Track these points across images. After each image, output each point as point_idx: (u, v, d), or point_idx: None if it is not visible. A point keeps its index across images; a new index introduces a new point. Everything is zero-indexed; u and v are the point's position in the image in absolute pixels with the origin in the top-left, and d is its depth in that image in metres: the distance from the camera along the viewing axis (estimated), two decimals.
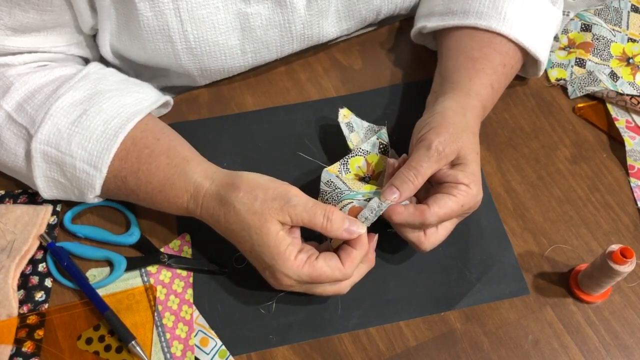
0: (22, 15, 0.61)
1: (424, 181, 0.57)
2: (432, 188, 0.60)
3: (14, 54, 0.64)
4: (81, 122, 0.61)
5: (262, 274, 0.58)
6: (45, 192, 0.64)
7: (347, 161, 0.64)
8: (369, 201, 0.58)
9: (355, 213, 0.57)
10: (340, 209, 0.58)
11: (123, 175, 0.61)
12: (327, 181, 0.61)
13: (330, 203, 0.60)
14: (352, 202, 0.58)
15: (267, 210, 0.55)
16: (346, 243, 0.57)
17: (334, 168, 0.63)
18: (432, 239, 0.58)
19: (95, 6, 0.64)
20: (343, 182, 0.61)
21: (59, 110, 0.61)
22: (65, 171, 0.61)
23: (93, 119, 0.61)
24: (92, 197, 0.63)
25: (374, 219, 0.57)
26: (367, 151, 0.64)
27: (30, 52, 0.65)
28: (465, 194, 0.57)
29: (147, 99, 0.66)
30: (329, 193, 0.60)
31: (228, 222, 0.57)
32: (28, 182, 0.66)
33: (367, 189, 0.60)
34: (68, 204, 0.68)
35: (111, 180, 0.62)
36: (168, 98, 0.70)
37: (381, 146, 0.65)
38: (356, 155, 0.64)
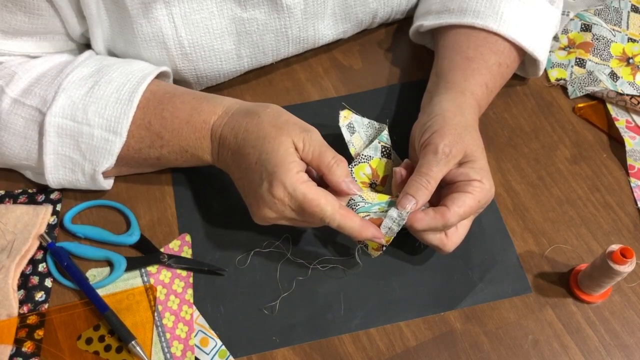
0: (11, 17, 0.61)
1: (437, 185, 0.58)
2: (442, 189, 0.60)
3: (5, 55, 0.65)
4: (94, 93, 0.62)
5: (254, 195, 0.57)
6: (52, 173, 0.64)
7: (352, 169, 0.63)
8: (385, 212, 0.57)
9: (375, 224, 0.57)
10: None
11: (147, 121, 0.61)
12: None
13: None
14: (368, 214, 0.58)
15: (286, 127, 0.56)
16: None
17: None
18: (454, 239, 0.59)
19: (83, 13, 0.64)
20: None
21: (71, 84, 0.62)
22: (81, 142, 0.62)
23: (105, 88, 0.62)
24: (107, 166, 0.62)
25: (398, 230, 0.57)
26: (370, 156, 0.64)
27: (22, 56, 0.65)
28: (480, 190, 0.57)
29: (151, 66, 0.66)
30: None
31: (247, 131, 0.57)
32: (34, 170, 0.66)
33: (380, 199, 0.59)
34: (68, 204, 0.68)
35: (134, 133, 0.61)
36: (168, 69, 0.69)
37: (383, 149, 0.65)
38: (360, 162, 0.64)
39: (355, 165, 0.64)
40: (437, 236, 0.58)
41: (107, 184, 0.67)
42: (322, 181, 0.58)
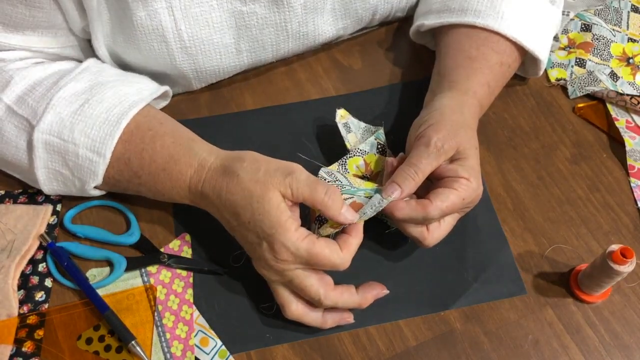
0: (11, 9, 0.60)
1: (424, 178, 0.58)
2: (432, 184, 0.60)
3: (7, 50, 0.64)
4: (83, 111, 0.61)
5: (254, 252, 0.57)
6: (46, 185, 0.64)
7: (346, 161, 0.64)
8: (370, 198, 0.58)
9: (356, 209, 0.57)
10: None
11: (126, 157, 0.61)
12: (328, 171, 0.61)
13: None
14: (352, 197, 0.58)
15: (269, 179, 0.54)
16: (342, 232, 0.56)
17: (332, 168, 0.63)
18: (435, 234, 0.59)
19: (84, 6, 0.64)
20: (344, 177, 0.60)
21: (61, 100, 0.61)
22: (68, 160, 0.61)
23: (95, 108, 0.61)
24: (93, 186, 0.63)
25: (372, 215, 0.56)
26: (366, 151, 0.64)
27: (24, 50, 0.65)
28: (466, 187, 0.57)
29: (147, 88, 0.66)
30: (329, 182, 0.60)
31: (230, 192, 0.56)
32: (28, 178, 0.66)
33: (367, 185, 0.60)
34: (68, 204, 0.68)
35: (114, 165, 0.61)
36: (167, 88, 0.70)
37: (379, 146, 0.65)
38: (354, 155, 0.64)
39: (350, 157, 0.64)
40: (418, 229, 0.58)
41: (102, 192, 0.67)
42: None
